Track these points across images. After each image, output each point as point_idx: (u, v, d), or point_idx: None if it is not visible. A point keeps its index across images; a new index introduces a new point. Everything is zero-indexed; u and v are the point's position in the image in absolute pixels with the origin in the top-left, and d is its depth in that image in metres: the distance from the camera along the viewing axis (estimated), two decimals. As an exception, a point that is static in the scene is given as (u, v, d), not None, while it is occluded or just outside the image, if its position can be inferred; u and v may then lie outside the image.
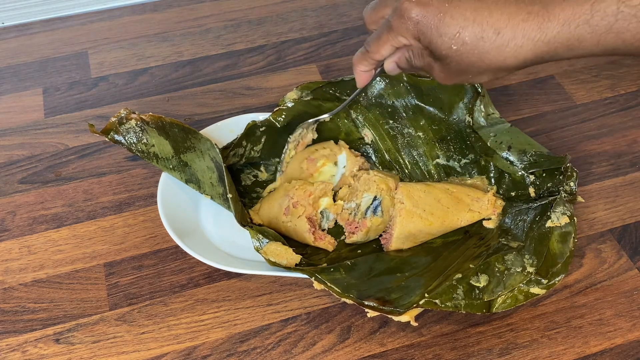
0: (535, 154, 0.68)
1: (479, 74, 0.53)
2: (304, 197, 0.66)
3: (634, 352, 0.60)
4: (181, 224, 0.66)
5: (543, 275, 0.60)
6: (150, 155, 0.69)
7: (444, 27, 0.50)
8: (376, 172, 0.68)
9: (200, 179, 0.69)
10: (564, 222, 0.62)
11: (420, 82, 0.73)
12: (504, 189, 0.69)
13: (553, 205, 0.63)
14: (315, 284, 0.60)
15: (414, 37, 0.52)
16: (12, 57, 0.90)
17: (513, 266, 0.60)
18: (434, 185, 0.67)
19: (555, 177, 0.67)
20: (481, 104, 0.72)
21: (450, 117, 0.73)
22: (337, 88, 0.74)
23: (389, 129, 0.74)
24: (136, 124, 0.68)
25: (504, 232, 0.65)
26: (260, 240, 0.63)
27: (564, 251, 0.61)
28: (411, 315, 0.57)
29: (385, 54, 0.56)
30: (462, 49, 0.50)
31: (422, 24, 0.51)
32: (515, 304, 0.59)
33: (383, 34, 0.55)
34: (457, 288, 0.59)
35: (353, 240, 0.67)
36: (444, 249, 0.65)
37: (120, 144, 0.68)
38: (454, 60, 0.51)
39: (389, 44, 0.55)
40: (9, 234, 0.70)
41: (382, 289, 0.59)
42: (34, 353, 0.61)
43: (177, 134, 0.69)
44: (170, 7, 0.98)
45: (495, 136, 0.70)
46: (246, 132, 0.71)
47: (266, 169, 0.74)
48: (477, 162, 0.71)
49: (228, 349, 0.61)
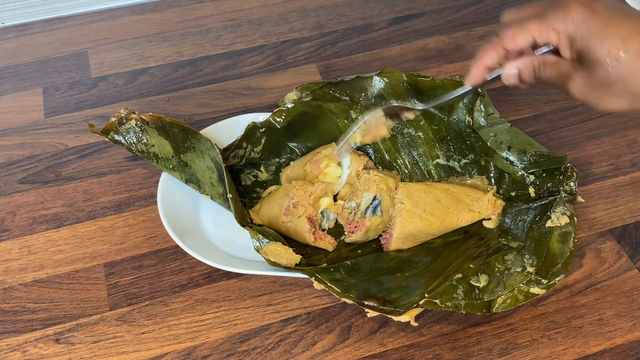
0: (535, 154, 0.68)
1: (621, 95, 0.51)
2: (305, 197, 0.66)
3: (634, 352, 0.60)
4: (181, 224, 0.66)
5: (543, 275, 0.60)
6: (150, 155, 0.69)
7: (608, 32, 0.49)
8: (376, 172, 0.68)
9: (200, 179, 0.69)
10: (564, 222, 0.62)
11: (420, 82, 0.73)
12: (504, 189, 0.69)
13: (553, 205, 0.63)
14: (315, 284, 0.60)
15: (567, 36, 0.51)
16: (12, 57, 0.90)
17: (513, 266, 0.60)
18: (434, 185, 0.67)
19: (555, 177, 0.67)
20: (481, 104, 0.72)
21: (450, 117, 0.73)
22: (337, 88, 0.74)
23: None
24: (136, 124, 0.68)
25: (504, 232, 0.65)
26: (260, 240, 0.63)
27: (564, 251, 0.61)
28: (411, 315, 0.57)
29: (519, 45, 0.52)
30: (624, 57, 0.49)
31: (585, 26, 0.50)
32: (515, 304, 0.59)
33: (529, 21, 0.51)
34: (457, 288, 0.59)
35: (352, 239, 0.67)
36: (444, 249, 0.65)
37: (120, 144, 0.68)
38: (606, 69, 0.50)
39: (531, 34, 0.52)
40: (9, 234, 0.70)
41: (382, 289, 0.59)
42: (34, 353, 0.61)
43: (177, 134, 0.69)
44: (170, 7, 0.98)
45: (495, 136, 0.70)
46: (246, 134, 0.71)
47: (266, 169, 0.74)
48: (477, 162, 0.71)
49: (228, 349, 0.61)
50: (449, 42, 0.91)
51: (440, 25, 0.94)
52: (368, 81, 0.74)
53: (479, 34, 0.92)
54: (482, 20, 0.94)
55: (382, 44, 0.91)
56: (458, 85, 0.72)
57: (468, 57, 0.88)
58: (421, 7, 0.97)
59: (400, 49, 0.90)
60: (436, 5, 0.97)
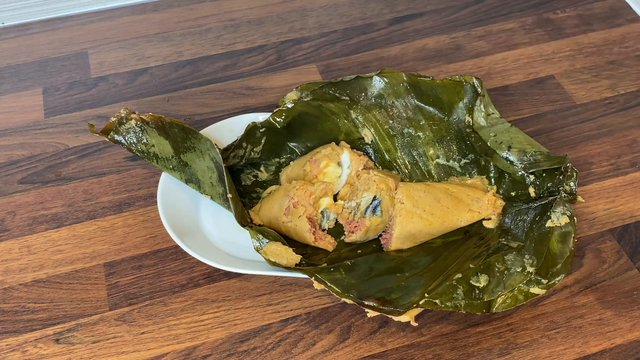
0: (535, 154, 0.68)
1: None
2: (305, 197, 0.66)
3: (634, 352, 0.60)
4: (181, 224, 0.66)
5: (543, 275, 0.60)
6: (150, 155, 0.69)
7: None
8: (376, 171, 0.68)
9: (200, 179, 0.69)
10: (564, 222, 0.62)
11: (420, 82, 0.73)
12: (504, 189, 0.69)
13: (553, 205, 0.63)
14: (315, 284, 0.60)
15: None
16: (12, 57, 0.90)
17: (513, 266, 0.60)
18: (434, 185, 0.67)
19: (555, 177, 0.67)
20: (481, 104, 0.72)
21: (450, 117, 0.73)
22: (337, 88, 0.74)
23: (389, 129, 0.74)
24: (136, 124, 0.68)
25: (504, 232, 0.65)
26: (260, 240, 0.63)
27: (564, 251, 0.61)
28: (411, 315, 0.57)
29: None
30: None
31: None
32: (515, 304, 0.59)
33: None
34: (457, 288, 0.59)
35: (352, 239, 0.67)
36: (444, 249, 0.65)
37: (120, 144, 0.68)
38: None
39: None
40: (8, 234, 0.70)
41: (382, 289, 0.59)
42: (33, 353, 0.61)
43: (177, 134, 0.69)
44: (170, 7, 0.98)
45: (495, 136, 0.70)
46: (246, 134, 0.71)
47: (266, 169, 0.74)
48: (477, 162, 0.71)
49: (228, 349, 0.61)
50: (449, 42, 0.91)
51: (440, 25, 0.94)
52: (368, 81, 0.74)
53: (479, 34, 0.92)
54: (482, 20, 0.94)
55: (382, 44, 0.91)
56: (458, 85, 0.72)
57: (468, 57, 0.89)
58: (421, 7, 0.97)
59: (400, 49, 0.90)
60: (436, 5, 0.97)
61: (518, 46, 0.90)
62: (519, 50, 0.89)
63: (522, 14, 0.95)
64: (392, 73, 0.73)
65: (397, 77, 0.73)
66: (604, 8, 0.96)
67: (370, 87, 0.74)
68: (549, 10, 0.96)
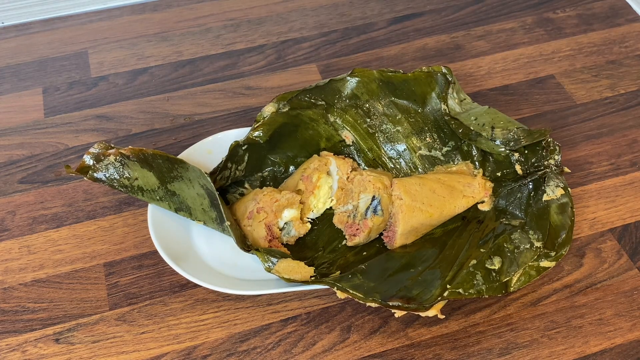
0: (517, 131, 0.69)
1: None
2: (270, 203, 0.66)
3: (634, 352, 0.60)
4: (177, 248, 0.65)
5: (550, 248, 0.62)
6: (135, 189, 0.66)
7: None
8: (369, 171, 0.68)
9: (191, 206, 0.66)
10: (559, 194, 0.65)
11: (392, 77, 0.73)
12: (489, 171, 0.71)
13: (546, 180, 0.65)
14: (338, 293, 0.59)
15: None
16: (11, 57, 0.90)
17: (521, 244, 0.63)
18: (426, 177, 0.68)
19: (538, 152, 0.68)
20: (453, 91, 0.73)
21: (425, 108, 0.73)
22: (312, 94, 0.73)
23: (367, 127, 0.74)
24: (115, 159, 0.65)
25: (501, 213, 0.67)
26: (270, 260, 0.62)
27: (565, 222, 0.64)
28: (437, 308, 0.57)
29: None
30: None
31: None
32: (529, 280, 0.61)
33: None
34: (475, 274, 0.60)
35: (355, 242, 0.67)
36: (447, 238, 0.66)
37: (101, 181, 0.65)
38: None
39: None
40: (8, 234, 0.70)
41: (401, 288, 0.60)
42: (33, 353, 0.61)
43: (161, 164, 0.66)
44: (170, 6, 0.98)
45: (476, 119, 0.71)
46: (230, 153, 0.69)
47: (250, 185, 0.73)
48: (459, 148, 0.72)
49: (228, 349, 0.61)
50: (449, 42, 0.91)
51: (440, 24, 0.94)
52: (341, 83, 0.73)
53: (479, 34, 0.92)
54: (482, 20, 0.94)
55: (382, 44, 0.91)
56: (428, 76, 0.73)
57: (468, 57, 0.89)
58: (421, 7, 0.97)
59: (400, 48, 0.90)
60: (436, 4, 0.97)
61: (518, 46, 0.90)
62: (519, 50, 0.89)
63: (522, 13, 0.95)
64: (363, 72, 0.74)
65: (368, 75, 0.73)
66: (604, 8, 0.96)
67: (344, 88, 0.74)
68: (549, 10, 0.96)
